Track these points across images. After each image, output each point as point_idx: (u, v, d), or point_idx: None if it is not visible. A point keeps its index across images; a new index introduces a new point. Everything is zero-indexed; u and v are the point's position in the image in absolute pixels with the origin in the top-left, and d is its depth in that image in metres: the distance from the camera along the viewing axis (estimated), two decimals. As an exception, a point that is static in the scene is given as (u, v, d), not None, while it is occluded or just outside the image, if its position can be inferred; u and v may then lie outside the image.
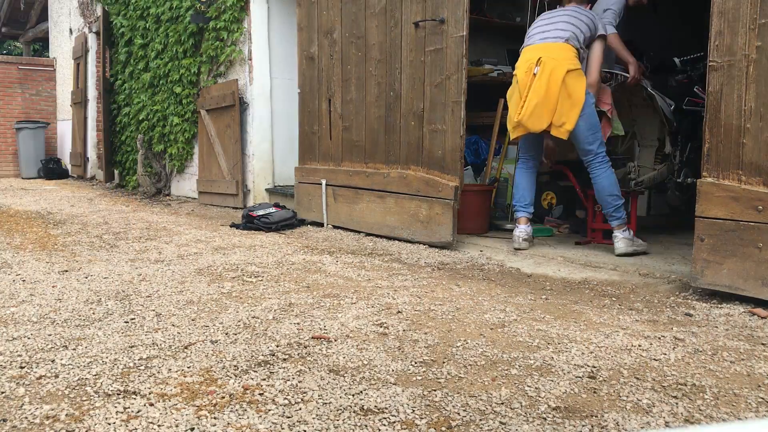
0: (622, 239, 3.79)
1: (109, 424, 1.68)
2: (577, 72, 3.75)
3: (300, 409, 1.77)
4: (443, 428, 1.67)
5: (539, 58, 3.74)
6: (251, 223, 5.23)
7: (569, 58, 3.75)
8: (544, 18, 4.04)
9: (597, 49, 3.95)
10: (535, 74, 3.72)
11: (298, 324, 2.55)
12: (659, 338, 2.37)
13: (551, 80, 3.68)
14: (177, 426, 1.67)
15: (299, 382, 1.96)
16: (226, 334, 2.43)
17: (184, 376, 2.00)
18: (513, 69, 4.11)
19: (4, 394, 1.87)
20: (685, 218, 4.38)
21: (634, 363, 2.12)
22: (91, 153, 10.38)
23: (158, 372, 2.04)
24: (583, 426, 1.67)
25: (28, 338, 2.37)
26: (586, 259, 3.80)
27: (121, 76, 9.05)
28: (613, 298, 2.99)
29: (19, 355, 2.19)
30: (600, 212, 4.33)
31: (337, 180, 5.21)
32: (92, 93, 10.16)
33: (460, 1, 4.13)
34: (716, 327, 2.52)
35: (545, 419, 1.72)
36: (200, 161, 7.29)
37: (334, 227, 5.26)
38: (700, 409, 1.78)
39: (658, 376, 2.01)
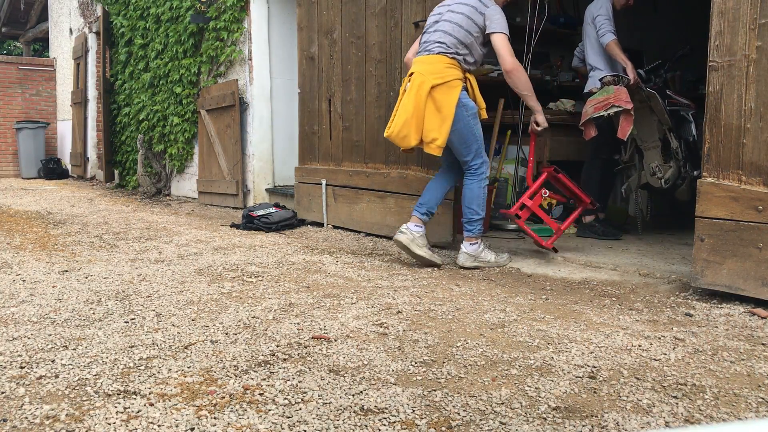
0: (464, 252, 3.71)
1: (109, 424, 1.68)
2: (445, 85, 3.57)
3: (300, 409, 1.77)
4: (443, 428, 1.67)
5: (412, 74, 3.64)
6: (251, 223, 5.23)
7: (437, 72, 3.58)
8: (434, 14, 3.81)
9: (498, 41, 3.60)
10: (405, 90, 3.63)
11: (298, 324, 2.55)
12: (659, 338, 2.37)
13: (417, 97, 3.55)
14: (177, 426, 1.67)
15: (299, 382, 1.96)
16: (226, 334, 2.43)
17: (184, 376, 2.00)
18: None
19: (4, 394, 1.87)
20: (685, 218, 4.37)
21: (634, 363, 2.12)
22: (91, 153, 10.38)
23: (158, 372, 2.04)
24: (583, 426, 1.68)
25: (28, 338, 2.37)
26: (586, 259, 3.80)
27: (121, 76, 9.05)
28: (613, 298, 2.98)
29: (19, 355, 2.19)
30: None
31: (337, 180, 5.21)
32: (92, 93, 10.16)
33: (460, 1, 4.13)
34: (716, 327, 2.52)
35: (545, 419, 1.72)
36: (200, 161, 7.29)
37: (334, 227, 5.26)
38: (700, 409, 1.78)
39: (658, 376, 2.01)
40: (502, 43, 3.62)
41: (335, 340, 2.35)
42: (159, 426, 1.67)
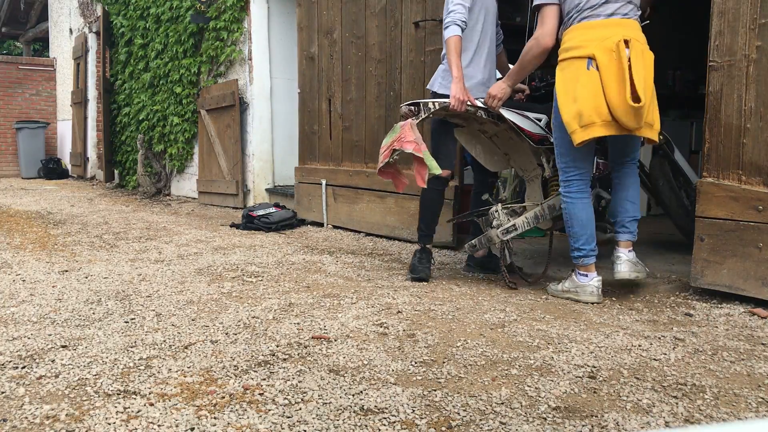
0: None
1: (109, 424, 1.68)
2: None
3: (300, 409, 1.77)
4: (443, 428, 1.67)
5: (626, 40, 2.81)
6: (251, 223, 5.23)
7: (646, 43, 2.90)
8: None
9: None
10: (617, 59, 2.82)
11: (298, 324, 2.55)
12: (659, 338, 2.37)
13: (647, 68, 2.86)
14: (177, 426, 1.67)
15: (299, 382, 1.96)
16: (226, 334, 2.43)
17: (184, 376, 2.00)
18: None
19: (4, 394, 1.87)
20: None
21: (634, 363, 2.12)
22: (91, 153, 10.38)
23: (158, 372, 2.04)
24: (583, 426, 1.67)
25: (28, 338, 2.37)
26: (586, 259, 3.80)
27: (121, 76, 9.05)
28: (613, 298, 2.98)
29: (19, 355, 2.19)
30: None
31: (337, 180, 5.21)
32: (92, 93, 10.16)
33: (460, 1, 4.13)
34: (716, 327, 2.51)
35: (545, 419, 1.72)
36: (200, 161, 7.29)
37: (334, 227, 5.26)
38: (700, 409, 1.78)
39: (658, 376, 2.01)
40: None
41: (335, 340, 2.35)
42: (159, 426, 1.67)
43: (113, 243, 4.54)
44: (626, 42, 2.73)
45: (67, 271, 3.59)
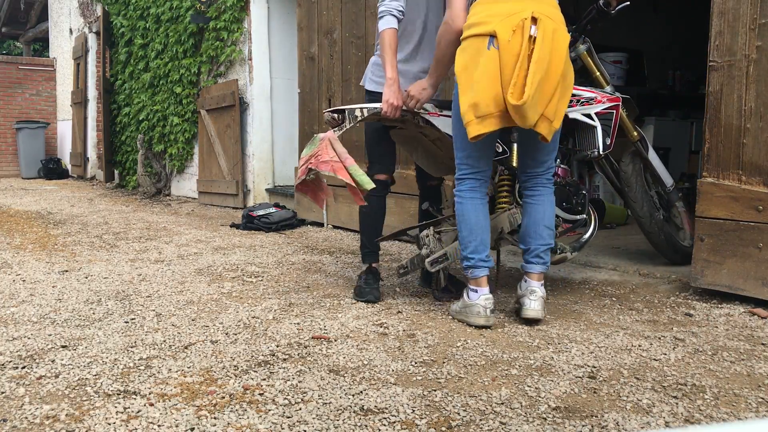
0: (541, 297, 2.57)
1: (109, 424, 1.68)
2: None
3: (300, 409, 1.77)
4: (443, 428, 1.67)
5: (534, 18, 2.36)
6: (251, 223, 5.23)
7: (563, 22, 2.55)
8: None
9: None
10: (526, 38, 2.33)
11: (298, 324, 2.55)
12: (659, 338, 2.37)
13: (555, 52, 2.42)
14: (177, 426, 1.67)
15: (299, 382, 1.96)
16: (226, 334, 2.43)
17: (184, 376, 2.00)
18: None
19: (4, 394, 1.87)
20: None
21: (634, 363, 2.12)
22: (91, 153, 10.38)
23: (158, 372, 2.04)
24: (583, 426, 1.68)
25: (28, 338, 2.37)
26: (586, 259, 3.80)
27: (121, 76, 9.06)
28: (613, 298, 2.98)
29: (19, 355, 2.19)
30: None
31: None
32: (92, 93, 10.16)
33: (460, 1, 4.12)
34: (716, 327, 2.51)
35: (545, 419, 1.72)
36: (200, 161, 7.29)
37: (334, 227, 5.26)
38: (700, 409, 1.78)
39: (658, 376, 2.01)
40: None
41: (335, 340, 2.35)
42: (159, 426, 1.67)
43: (113, 243, 4.54)
44: (534, 19, 2.31)
45: (67, 271, 3.59)
